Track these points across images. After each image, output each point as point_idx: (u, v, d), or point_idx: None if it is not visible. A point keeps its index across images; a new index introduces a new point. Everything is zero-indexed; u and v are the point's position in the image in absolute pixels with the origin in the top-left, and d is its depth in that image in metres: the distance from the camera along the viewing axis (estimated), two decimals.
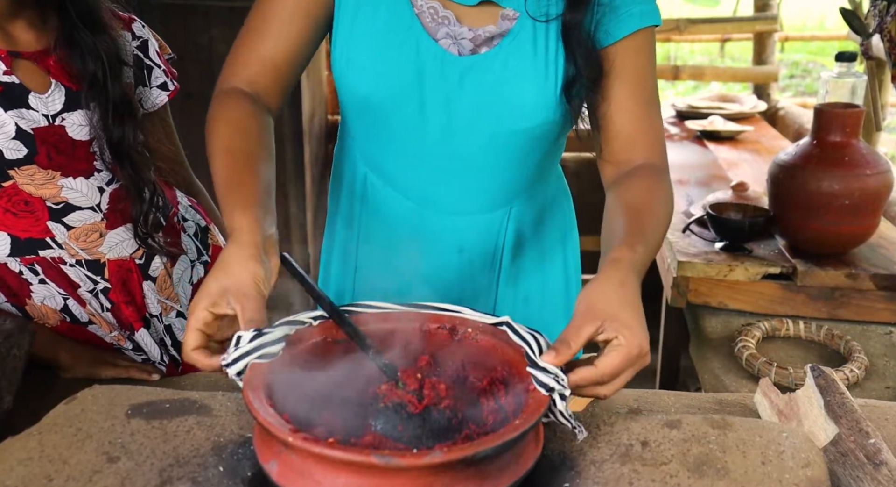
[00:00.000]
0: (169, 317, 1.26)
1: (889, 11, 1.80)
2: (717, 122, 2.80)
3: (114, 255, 1.18)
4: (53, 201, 1.12)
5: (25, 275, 1.14)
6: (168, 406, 0.80)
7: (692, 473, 0.71)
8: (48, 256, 1.14)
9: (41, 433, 0.76)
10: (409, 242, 1.13)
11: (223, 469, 0.71)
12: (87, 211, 1.15)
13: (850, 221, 1.53)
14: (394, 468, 0.62)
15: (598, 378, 0.75)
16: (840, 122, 1.53)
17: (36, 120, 1.07)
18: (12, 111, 1.05)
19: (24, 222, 1.11)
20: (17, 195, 1.09)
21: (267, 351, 0.74)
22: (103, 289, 1.19)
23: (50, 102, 1.08)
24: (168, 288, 1.26)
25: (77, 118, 1.10)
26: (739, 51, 7.56)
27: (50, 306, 1.16)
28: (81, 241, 1.15)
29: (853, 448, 0.82)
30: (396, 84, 1.02)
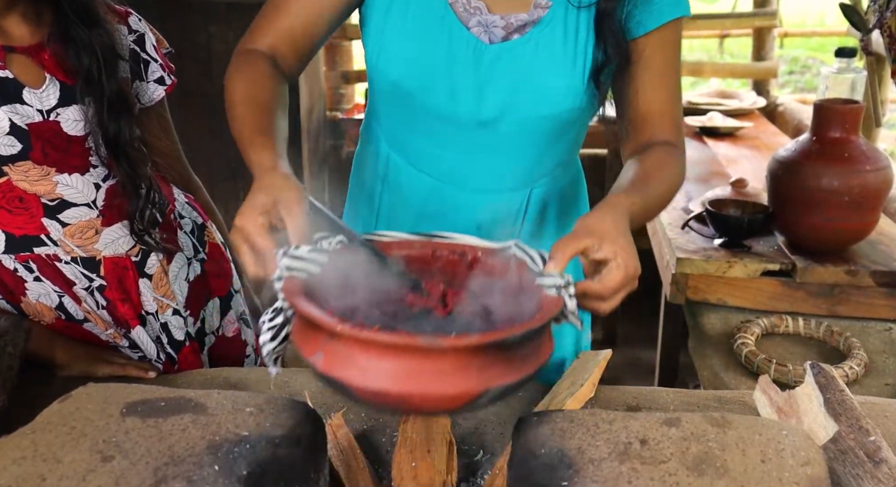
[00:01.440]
0: (165, 315, 1.25)
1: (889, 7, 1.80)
2: (717, 118, 2.80)
3: (110, 252, 1.18)
4: (48, 197, 1.11)
5: (20, 272, 1.13)
6: (163, 405, 0.79)
7: (691, 471, 0.71)
8: (43, 253, 1.13)
9: (35, 432, 0.75)
10: (428, 219, 1.17)
11: (218, 467, 0.71)
12: (83, 208, 1.14)
13: (849, 217, 1.52)
14: (436, 349, 0.68)
15: (601, 292, 0.81)
16: (840, 118, 1.52)
17: (30, 115, 1.06)
18: (6, 107, 1.04)
19: (19, 220, 1.10)
20: (11, 192, 1.08)
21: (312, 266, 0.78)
22: (98, 286, 1.18)
23: (44, 97, 1.07)
24: (164, 286, 1.25)
25: (72, 113, 1.09)
26: (738, 47, 7.55)
27: (45, 303, 1.16)
28: (77, 238, 1.14)
29: (853, 445, 0.82)
30: (428, 71, 1.05)
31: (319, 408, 1.04)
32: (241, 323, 1.43)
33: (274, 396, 0.82)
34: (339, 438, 0.95)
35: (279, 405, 0.79)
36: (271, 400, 0.80)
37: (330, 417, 0.98)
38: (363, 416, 1.05)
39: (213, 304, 1.36)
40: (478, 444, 0.99)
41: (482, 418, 1.04)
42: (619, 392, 1.10)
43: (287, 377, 1.15)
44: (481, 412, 1.05)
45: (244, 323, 1.44)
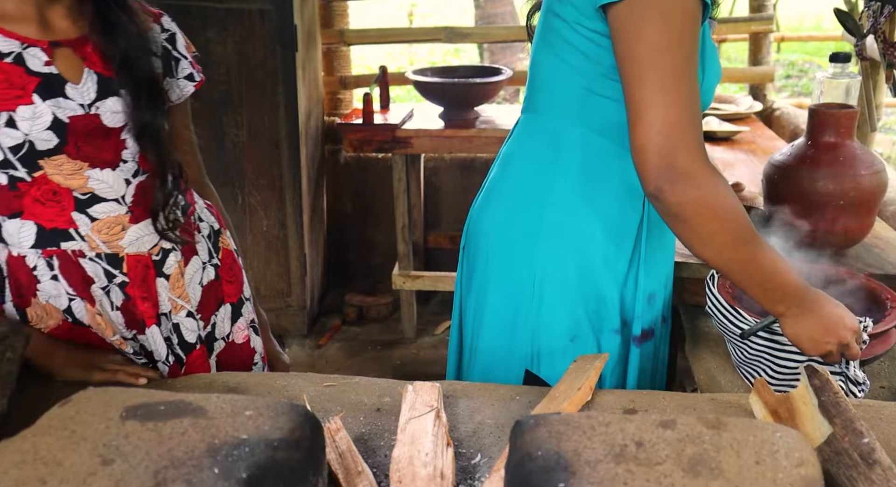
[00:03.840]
0: (178, 316, 1.27)
1: (883, 12, 1.81)
2: (713, 122, 2.81)
3: (133, 250, 1.19)
4: (80, 191, 1.13)
5: (38, 270, 1.14)
6: (163, 408, 0.80)
7: (686, 473, 0.71)
8: (69, 248, 1.14)
9: (35, 435, 0.76)
10: None
11: (218, 470, 0.71)
12: (112, 203, 1.16)
13: (844, 221, 1.53)
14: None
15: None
16: (834, 122, 1.53)
17: (73, 109, 1.08)
18: (50, 101, 1.06)
19: (51, 212, 1.12)
20: (46, 185, 1.10)
21: None
22: (120, 283, 1.19)
23: (84, 91, 1.10)
24: (180, 287, 1.27)
25: (111, 105, 1.12)
26: (735, 51, 7.57)
27: (54, 304, 1.17)
28: (104, 233, 1.16)
29: (847, 447, 0.83)
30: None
31: (318, 412, 1.05)
32: (251, 331, 1.44)
33: (273, 400, 0.82)
34: (338, 441, 0.95)
35: (278, 409, 0.80)
36: (270, 404, 0.81)
37: (328, 420, 0.99)
38: (361, 420, 1.05)
39: (225, 310, 1.37)
40: (475, 447, 0.99)
41: (480, 421, 1.05)
42: (616, 396, 1.10)
43: (286, 381, 1.16)
44: (479, 416, 1.06)
45: (253, 331, 1.45)
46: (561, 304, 1.23)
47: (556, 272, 1.22)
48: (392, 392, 1.11)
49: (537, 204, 1.22)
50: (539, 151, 1.22)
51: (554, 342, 1.24)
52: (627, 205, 1.20)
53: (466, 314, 1.38)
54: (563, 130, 1.19)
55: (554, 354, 1.25)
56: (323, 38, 3.41)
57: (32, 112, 1.05)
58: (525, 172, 1.24)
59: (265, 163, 3.08)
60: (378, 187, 3.49)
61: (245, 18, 2.90)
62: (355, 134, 2.96)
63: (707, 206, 0.98)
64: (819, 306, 1.07)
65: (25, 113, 1.05)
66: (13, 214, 1.11)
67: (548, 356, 1.25)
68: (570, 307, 1.23)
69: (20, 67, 1.05)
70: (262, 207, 3.10)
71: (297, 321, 3.24)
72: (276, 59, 2.98)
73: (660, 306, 1.31)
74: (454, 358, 1.45)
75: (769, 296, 1.06)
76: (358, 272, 3.65)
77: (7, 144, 1.05)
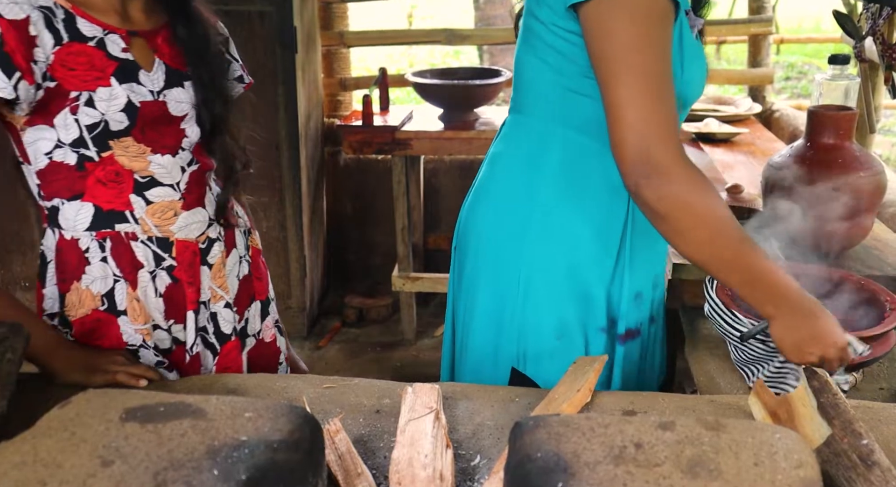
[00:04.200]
0: (217, 305, 1.31)
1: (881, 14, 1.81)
2: (713, 124, 2.81)
3: (182, 235, 1.24)
4: (141, 174, 1.18)
5: (90, 252, 1.19)
6: (162, 410, 0.80)
7: (685, 474, 0.71)
8: (123, 230, 1.19)
9: (35, 437, 0.76)
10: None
11: (217, 472, 0.71)
12: (168, 188, 1.22)
13: (843, 223, 1.53)
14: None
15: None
16: (833, 124, 1.53)
17: (143, 94, 1.15)
18: (125, 85, 1.14)
19: (111, 193, 1.17)
20: (111, 165, 1.16)
21: None
22: (168, 266, 1.24)
23: (155, 79, 1.18)
24: (221, 277, 1.31)
25: (176, 94, 1.20)
26: (735, 53, 7.57)
27: (93, 290, 1.20)
28: (157, 217, 1.21)
29: (846, 448, 0.83)
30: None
31: (317, 413, 1.05)
32: (276, 330, 1.48)
33: (272, 401, 0.83)
34: (337, 443, 0.95)
35: (278, 411, 0.80)
36: (270, 405, 0.81)
37: (328, 422, 0.99)
38: (361, 421, 1.05)
39: (256, 306, 1.42)
40: (475, 449, 0.99)
41: (479, 423, 1.05)
42: (615, 397, 1.10)
43: (285, 382, 1.16)
44: (478, 418, 1.06)
45: (279, 330, 1.49)
46: (547, 303, 1.24)
47: (543, 271, 1.23)
48: (391, 394, 1.12)
49: (523, 203, 1.23)
50: (524, 150, 1.24)
51: (541, 341, 1.25)
52: (611, 203, 1.20)
53: (458, 313, 1.39)
54: (545, 129, 1.20)
55: (541, 353, 1.26)
56: (323, 39, 3.42)
57: (109, 94, 1.12)
58: (511, 172, 1.26)
59: (265, 165, 3.08)
60: (378, 188, 3.49)
61: (245, 20, 2.90)
62: (355, 136, 2.96)
63: (684, 201, 0.99)
64: (811, 315, 1.06)
65: (103, 94, 1.12)
66: (74, 196, 1.16)
67: (534, 355, 1.26)
68: (557, 305, 1.24)
69: (101, 51, 1.13)
70: (261, 208, 3.10)
71: (296, 322, 3.24)
72: (276, 60, 2.99)
73: (647, 306, 1.32)
74: (448, 358, 1.46)
75: (757, 296, 1.05)
76: (358, 274, 3.65)
77: (85, 122, 1.12)
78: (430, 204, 3.49)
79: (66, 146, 1.13)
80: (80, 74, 1.10)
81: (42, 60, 1.07)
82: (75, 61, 1.10)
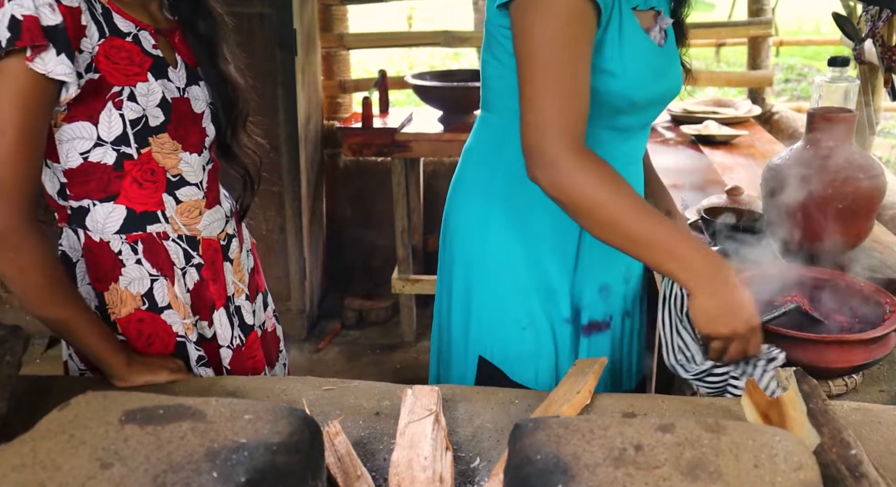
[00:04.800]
0: (240, 299, 1.34)
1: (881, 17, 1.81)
2: (712, 126, 2.81)
3: (207, 233, 1.27)
4: (172, 172, 1.19)
5: (123, 255, 1.19)
6: (162, 412, 0.80)
7: (685, 476, 0.71)
8: (154, 231, 1.20)
9: (34, 439, 0.75)
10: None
11: (217, 474, 0.71)
12: (194, 187, 1.23)
13: (843, 225, 1.53)
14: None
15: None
16: (833, 126, 1.53)
17: (173, 90, 1.17)
18: (160, 80, 1.15)
19: (145, 193, 1.18)
20: (147, 164, 1.16)
21: None
22: (197, 264, 1.25)
23: (180, 75, 1.20)
24: (240, 271, 1.34)
25: (195, 92, 1.22)
26: (734, 55, 7.58)
27: (132, 291, 1.20)
28: (185, 216, 1.23)
29: (835, 459, 0.82)
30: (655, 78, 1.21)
31: (317, 416, 1.05)
32: (274, 319, 1.51)
33: (272, 403, 0.82)
34: (337, 445, 0.95)
35: (277, 413, 0.80)
36: (269, 408, 0.81)
37: (327, 424, 0.99)
38: (361, 423, 1.05)
39: (260, 298, 1.44)
40: (475, 451, 0.99)
41: (479, 425, 1.05)
42: (614, 399, 1.10)
43: (285, 385, 1.16)
44: (478, 420, 1.06)
45: (276, 319, 1.52)
46: (512, 294, 1.29)
47: (505, 263, 1.28)
48: (391, 396, 1.11)
49: (486, 197, 1.29)
50: (486, 146, 1.30)
51: (506, 331, 1.30)
52: None
53: (442, 310, 1.44)
54: (504, 125, 1.24)
55: (507, 343, 1.31)
56: (322, 42, 3.42)
57: (147, 89, 1.13)
58: (476, 168, 1.32)
59: (264, 167, 3.08)
60: (377, 190, 3.49)
61: (244, 22, 2.91)
62: (354, 138, 2.96)
63: (578, 189, 1.05)
64: (727, 286, 1.06)
65: (142, 89, 1.13)
66: (107, 197, 1.16)
67: (501, 346, 1.31)
68: (521, 297, 1.28)
69: (137, 47, 1.14)
70: (261, 210, 3.10)
71: (296, 324, 3.24)
72: (276, 63, 2.99)
73: (619, 299, 1.34)
74: (434, 357, 1.50)
75: (671, 271, 1.08)
76: (357, 276, 3.65)
77: (130, 116, 1.12)
78: (429, 206, 3.49)
79: (107, 145, 1.12)
80: (122, 67, 1.11)
81: (88, 51, 1.07)
82: (118, 56, 1.10)
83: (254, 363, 1.36)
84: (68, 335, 1.14)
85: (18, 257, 1.03)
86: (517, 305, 1.29)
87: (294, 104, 3.04)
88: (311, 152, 3.25)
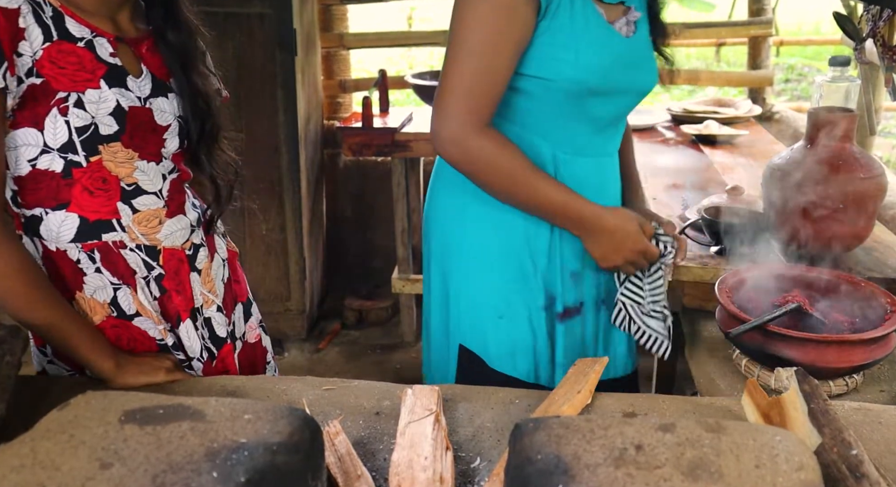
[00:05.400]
0: (210, 310, 1.31)
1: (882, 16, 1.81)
2: (713, 126, 2.81)
3: (168, 243, 1.24)
4: (127, 181, 1.17)
5: (82, 263, 1.17)
6: (161, 412, 0.80)
7: (686, 477, 0.71)
8: (110, 239, 1.17)
9: (34, 439, 0.75)
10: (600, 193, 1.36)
11: (217, 474, 0.71)
12: (152, 196, 1.20)
13: (844, 224, 1.53)
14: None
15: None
16: (834, 126, 1.53)
17: (132, 100, 1.14)
18: (115, 89, 1.12)
19: (97, 202, 1.15)
20: (98, 172, 1.14)
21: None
22: (157, 275, 1.23)
23: (143, 85, 1.17)
24: (210, 282, 1.31)
25: (161, 104, 1.19)
26: (735, 55, 7.57)
27: (98, 299, 1.18)
28: (143, 226, 1.20)
29: (836, 459, 0.82)
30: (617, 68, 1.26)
31: (317, 415, 1.05)
32: (261, 329, 1.49)
33: (272, 403, 0.82)
34: (337, 445, 0.95)
35: (277, 413, 0.80)
36: (269, 408, 0.80)
37: (327, 424, 0.99)
38: (361, 423, 1.05)
39: (239, 309, 1.42)
40: (475, 451, 0.99)
41: (479, 425, 1.05)
42: (615, 399, 1.10)
43: (285, 384, 1.16)
44: (478, 420, 1.06)
45: (262, 330, 1.49)
46: (488, 284, 1.36)
47: (480, 253, 1.35)
48: (391, 396, 1.11)
49: (463, 190, 1.33)
50: None
51: (484, 319, 1.37)
52: None
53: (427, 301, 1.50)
54: None
55: (485, 331, 1.37)
56: (322, 41, 3.42)
57: (98, 96, 1.11)
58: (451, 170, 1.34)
59: (264, 167, 3.08)
60: (377, 190, 3.49)
61: (244, 22, 2.91)
62: (355, 138, 2.96)
63: (472, 163, 1.20)
64: (609, 230, 1.27)
65: (92, 96, 1.10)
66: (59, 205, 1.14)
67: (480, 333, 1.38)
68: (497, 286, 1.35)
69: (90, 53, 1.11)
70: (261, 211, 3.10)
71: (296, 325, 3.24)
72: (276, 63, 2.99)
73: (591, 287, 1.41)
74: (425, 353, 1.55)
75: (563, 225, 1.28)
76: (357, 276, 3.64)
77: (75, 124, 1.09)
78: None
79: (54, 152, 1.10)
80: (69, 73, 1.08)
81: (28, 55, 1.04)
82: (65, 60, 1.08)
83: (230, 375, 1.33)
84: (54, 340, 1.13)
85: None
86: (494, 294, 1.35)
87: (294, 104, 3.03)
88: (311, 152, 3.24)
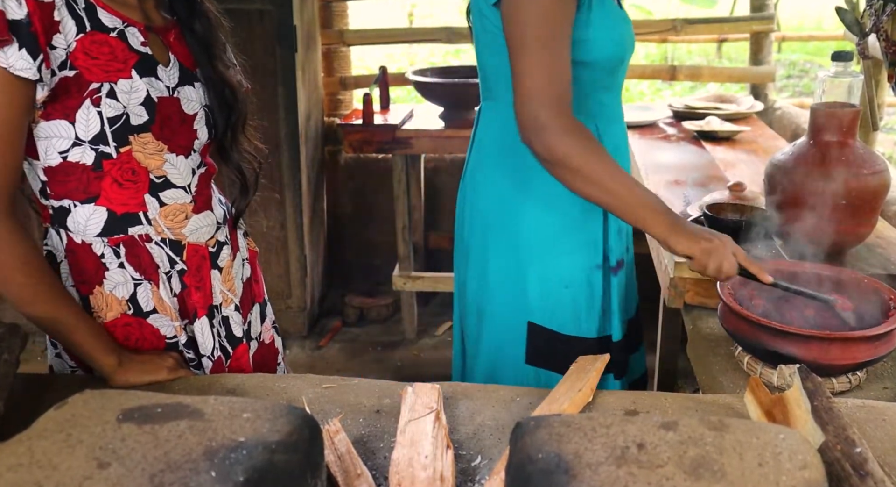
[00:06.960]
0: (228, 309, 1.31)
1: (885, 11, 1.80)
2: (714, 122, 2.80)
3: (193, 239, 1.24)
4: (156, 173, 1.17)
5: (106, 258, 1.17)
6: (160, 411, 0.79)
7: (688, 475, 0.70)
8: (136, 233, 1.17)
9: (31, 438, 0.75)
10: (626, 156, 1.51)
11: (215, 473, 0.70)
12: (180, 190, 1.21)
13: (846, 221, 1.52)
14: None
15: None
16: (836, 122, 1.52)
17: (161, 90, 1.15)
18: (145, 78, 1.13)
19: (126, 194, 1.15)
20: (128, 163, 1.14)
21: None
22: (180, 270, 1.23)
23: (171, 74, 1.18)
24: (230, 280, 1.31)
25: (188, 93, 1.20)
26: (736, 51, 7.56)
27: (117, 295, 1.18)
28: (169, 219, 1.20)
29: (839, 457, 0.82)
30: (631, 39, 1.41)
31: (317, 414, 1.04)
32: (274, 331, 1.49)
33: (271, 402, 0.82)
34: (337, 443, 0.94)
35: (276, 411, 0.79)
36: (268, 406, 0.80)
37: (327, 423, 0.98)
38: (361, 421, 1.05)
39: (256, 309, 1.42)
40: (476, 449, 0.99)
41: (480, 423, 1.04)
42: (617, 397, 1.10)
43: (284, 382, 1.15)
44: (479, 418, 1.05)
45: (275, 331, 1.50)
46: (552, 258, 1.44)
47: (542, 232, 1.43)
48: (392, 394, 1.11)
49: (512, 178, 1.41)
50: (501, 131, 1.42)
51: (550, 292, 1.45)
52: None
53: (468, 295, 1.53)
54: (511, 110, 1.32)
55: (553, 304, 1.46)
56: (323, 38, 3.41)
57: (130, 86, 1.11)
58: (496, 153, 1.45)
59: (265, 164, 3.07)
60: (378, 187, 3.49)
61: (244, 19, 2.90)
62: (355, 135, 2.95)
63: (564, 152, 1.19)
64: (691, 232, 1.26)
65: (124, 86, 1.10)
66: (88, 198, 1.14)
67: (550, 307, 1.46)
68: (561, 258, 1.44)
69: (123, 43, 1.12)
70: (261, 208, 3.10)
71: (296, 322, 3.24)
72: (276, 59, 2.98)
73: (624, 236, 1.54)
74: (458, 350, 1.57)
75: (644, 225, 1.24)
76: (358, 273, 3.64)
77: (108, 114, 1.10)
78: (430, 203, 3.48)
79: (85, 144, 1.10)
80: (102, 63, 1.08)
81: (62, 47, 1.05)
82: (98, 51, 1.08)
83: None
84: (56, 334, 1.13)
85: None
86: (561, 267, 1.44)
87: (294, 101, 3.03)
88: (311, 149, 3.24)
